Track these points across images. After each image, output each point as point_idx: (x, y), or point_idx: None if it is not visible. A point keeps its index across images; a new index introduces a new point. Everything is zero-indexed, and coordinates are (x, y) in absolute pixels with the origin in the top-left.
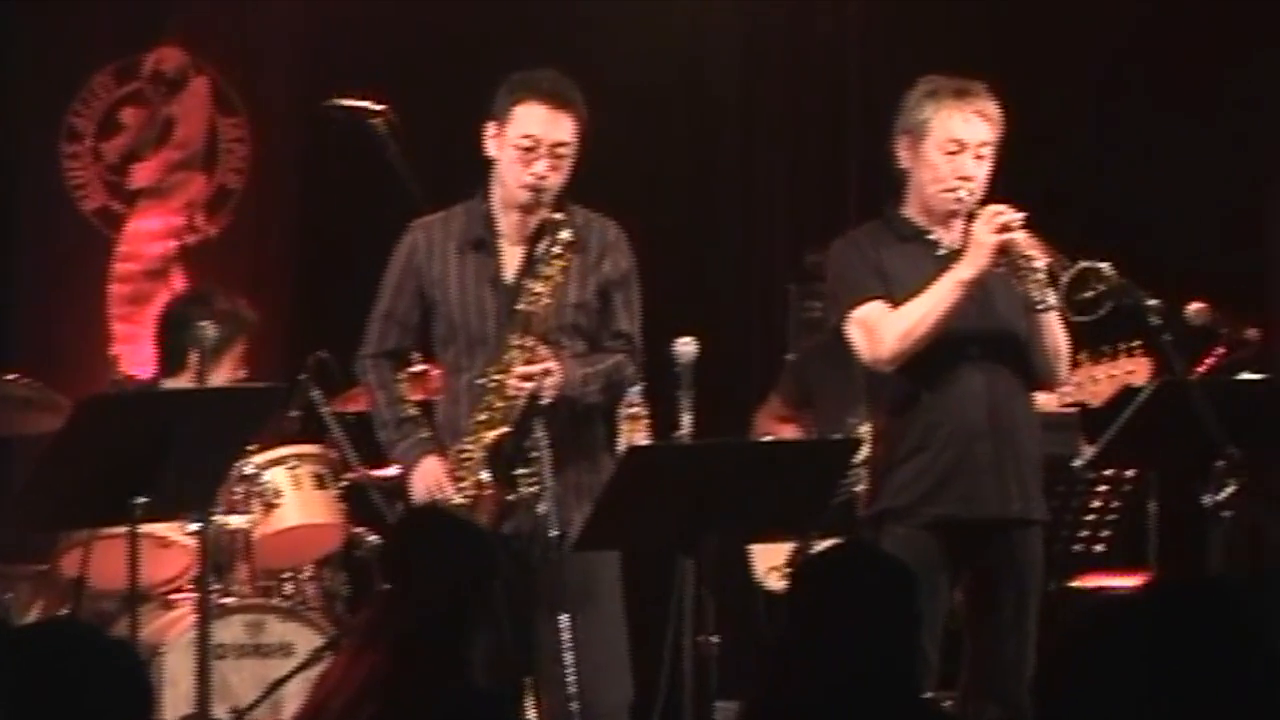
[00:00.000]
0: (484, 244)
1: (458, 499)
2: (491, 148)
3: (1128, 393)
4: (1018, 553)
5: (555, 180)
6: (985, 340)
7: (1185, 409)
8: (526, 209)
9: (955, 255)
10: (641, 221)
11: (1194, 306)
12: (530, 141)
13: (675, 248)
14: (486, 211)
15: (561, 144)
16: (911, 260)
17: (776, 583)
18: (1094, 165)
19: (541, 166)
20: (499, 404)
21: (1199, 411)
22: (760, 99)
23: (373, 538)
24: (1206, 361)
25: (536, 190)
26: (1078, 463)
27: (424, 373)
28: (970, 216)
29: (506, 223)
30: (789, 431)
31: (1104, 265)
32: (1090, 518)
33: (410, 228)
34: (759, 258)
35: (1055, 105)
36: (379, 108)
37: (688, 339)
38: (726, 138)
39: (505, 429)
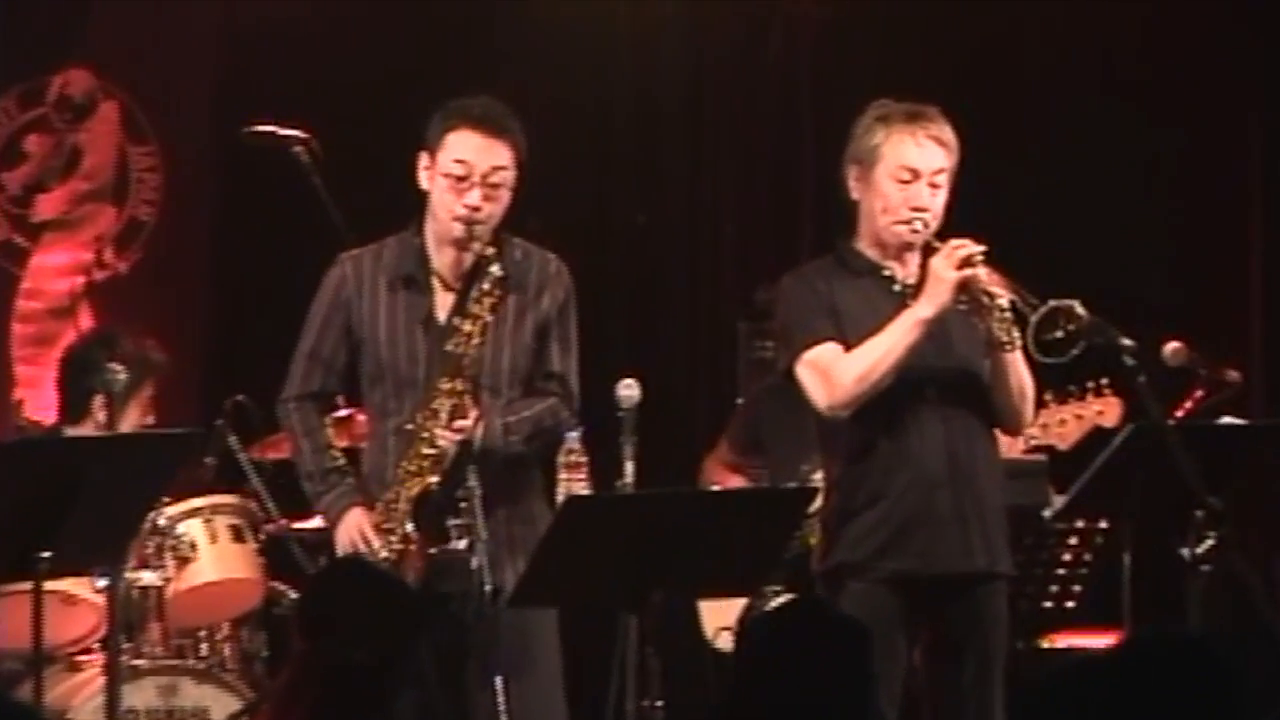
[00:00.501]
0: (416, 281)
1: (384, 553)
2: (424, 179)
3: (1097, 435)
4: (981, 609)
5: (490, 211)
6: (944, 382)
7: (1161, 456)
8: (460, 243)
9: (912, 291)
10: (582, 255)
11: (1171, 346)
12: (463, 169)
13: (617, 283)
14: (419, 246)
15: (496, 171)
16: (866, 297)
17: (727, 643)
18: (1059, 195)
19: (475, 197)
20: (427, 452)
21: (1176, 458)
22: (708, 126)
23: (294, 594)
24: (1184, 404)
25: (470, 223)
26: (1046, 513)
27: (349, 417)
28: (927, 250)
29: (440, 259)
30: (737, 482)
31: (1075, 303)
32: (1060, 572)
33: (339, 260)
34: (706, 294)
35: (1017, 131)
36: (301, 135)
37: (630, 381)
38: (673, 167)
39: (433, 479)
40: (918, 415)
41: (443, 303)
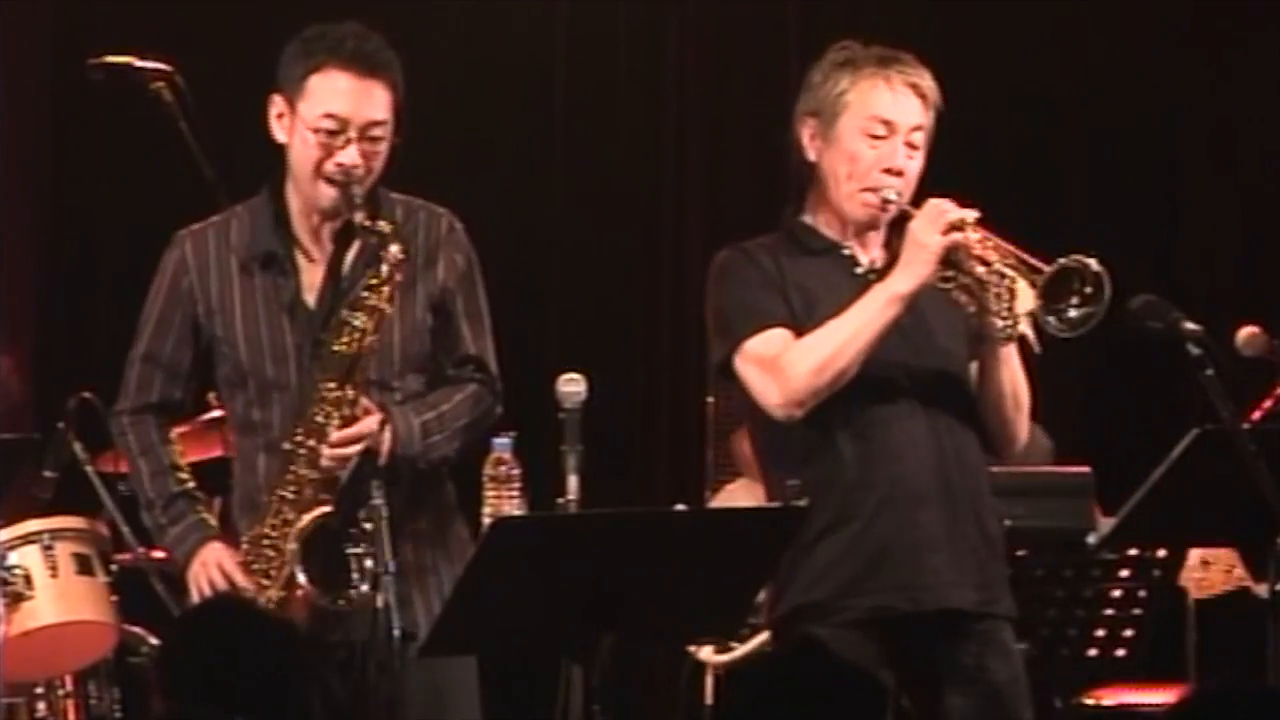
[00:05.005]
0: (276, 259)
1: (260, 600)
2: (279, 130)
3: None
4: (982, 653)
5: (370, 170)
6: (922, 378)
7: (1233, 468)
8: (333, 211)
9: (878, 276)
10: (509, 221)
11: (1246, 332)
12: (333, 123)
13: (557, 255)
14: (278, 214)
15: (375, 124)
16: (823, 277)
17: (715, 656)
18: (1071, 149)
19: (351, 154)
20: (312, 476)
21: (1252, 470)
22: (669, 54)
23: (154, 641)
24: (1263, 404)
25: (344, 185)
26: (1091, 539)
27: (223, 420)
28: (900, 223)
29: (304, 229)
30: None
31: (1090, 261)
32: (1108, 612)
33: (176, 239)
34: (668, 268)
35: (1006, 76)
36: (161, 68)
37: (575, 376)
38: (627, 112)
39: (326, 509)
40: (893, 414)
41: (310, 283)
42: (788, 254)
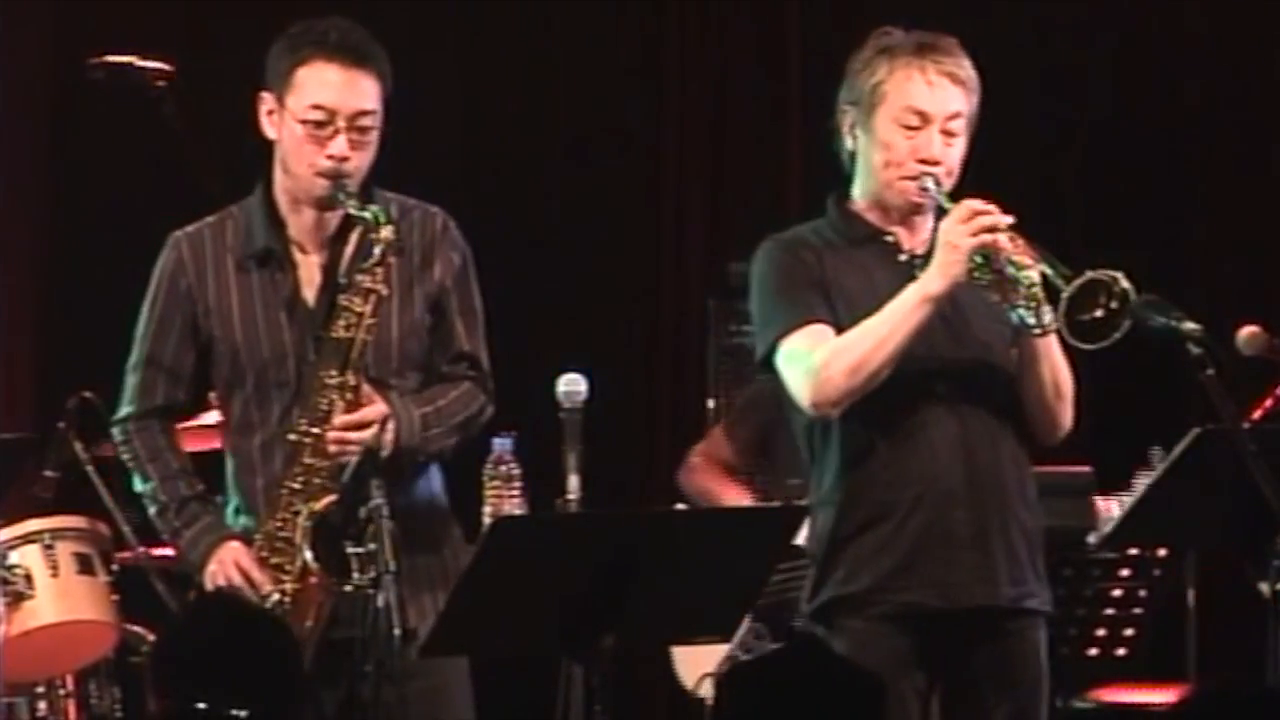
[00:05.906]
0: (273, 255)
1: (275, 595)
2: (269, 126)
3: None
4: (1011, 653)
5: (360, 161)
6: (959, 374)
7: (1234, 467)
8: (325, 203)
9: (921, 262)
10: (509, 221)
11: (1246, 331)
12: (322, 114)
13: (557, 257)
14: (271, 212)
15: (363, 113)
16: (864, 270)
17: (710, 692)
18: (1100, 145)
19: (340, 144)
20: (320, 465)
21: (1252, 470)
22: (669, 54)
23: (154, 639)
24: (1264, 403)
25: (336, 176)
26: (1092, 539)
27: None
28: (941, 212)
29: (298, 224)
30: (734, 494)
31: (1118, 275)
32: (1109, 612)
33: (171, 241)
34: (668, 266)
35: (1049, 68)
36: (161, 68)
37: (575, 376)
38: (624, 106)
39: (332, 496)
40: (927, 415)
41: (309, 278)
42: (829, 244)
